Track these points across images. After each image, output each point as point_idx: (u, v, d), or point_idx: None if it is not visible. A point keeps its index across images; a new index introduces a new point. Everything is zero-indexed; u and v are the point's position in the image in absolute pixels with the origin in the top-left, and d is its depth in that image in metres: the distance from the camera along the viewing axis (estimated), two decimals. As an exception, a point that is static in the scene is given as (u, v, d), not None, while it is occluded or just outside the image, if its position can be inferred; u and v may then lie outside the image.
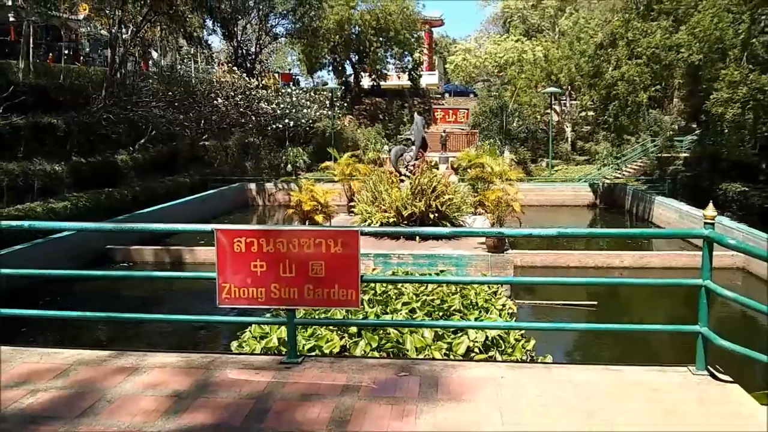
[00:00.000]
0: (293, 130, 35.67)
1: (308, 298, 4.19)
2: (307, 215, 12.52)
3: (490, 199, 12.38)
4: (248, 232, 4.19)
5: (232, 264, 4.23)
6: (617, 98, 21.27)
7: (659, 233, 11.60)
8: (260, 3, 38.06)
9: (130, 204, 22.15)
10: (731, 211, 21.38)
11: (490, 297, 11.10)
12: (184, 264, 16.66)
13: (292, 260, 4.15)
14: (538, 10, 45.61)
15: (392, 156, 15.73)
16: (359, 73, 49.69)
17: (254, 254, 4.17)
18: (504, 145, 35.63)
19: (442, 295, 10.72)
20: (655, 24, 18.90)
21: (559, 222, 26.18)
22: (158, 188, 25.23)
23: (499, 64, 42.10)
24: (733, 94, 16.30)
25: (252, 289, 4.22)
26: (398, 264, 12.68)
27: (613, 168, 32.52)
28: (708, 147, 22.30)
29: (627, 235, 6.47)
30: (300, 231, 4.19)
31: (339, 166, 17.66)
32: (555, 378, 4.05)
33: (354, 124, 44.83)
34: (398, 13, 44.25)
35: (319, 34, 40.86)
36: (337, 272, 4.14)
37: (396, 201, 14.09)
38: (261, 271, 4.18)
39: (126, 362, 4.40)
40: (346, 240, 4.12)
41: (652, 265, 15.55)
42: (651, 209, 23.53)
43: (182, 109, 28.61)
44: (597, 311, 12.18)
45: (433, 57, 59.16)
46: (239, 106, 32.58)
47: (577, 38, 27.02)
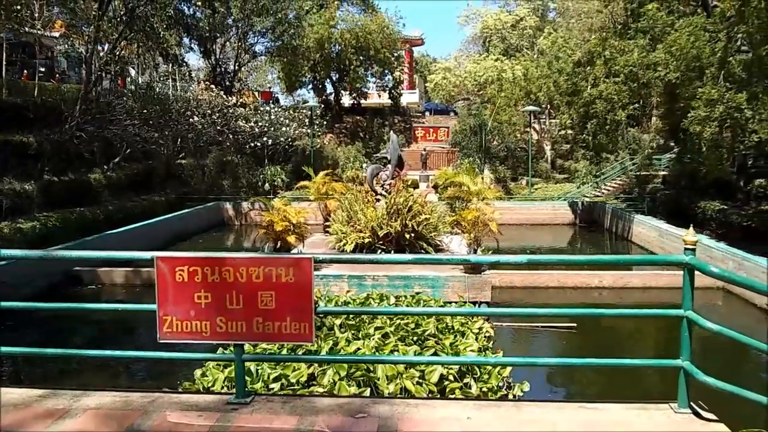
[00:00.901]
0: (272, 148, 35.29)
1: (257, 332, 3.82)
2: (279, 236, 12.13)
3: (467, 219, 12.10)
4: (191, 260, 3.83)
5: (173, 295, 3.86)
6: (596, 116, 21.21)
7: (637, 260, 10.74)
8: (239, 21, 37.77)
9: (102, 224, 21.60)
10: (710, 229, 21.33)
11: (466, 320, 10.79)
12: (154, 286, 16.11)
13: (239, 291, 3.79)
14: (516, 30, 45.95)
15: (368, 175, 15.42)
16: (339, 92, 49.54)
17: (197, 284, 3.81)
18: (483, 164, 35.59)
19: (417, 318, 10.38)
20: (632, 42, 18.90)
21: (538, 241, 26.00)
22: (132, 207, 24.67)
23: (478, 82, 42.20)
24: (710, 112, 16.26)
25: (196, 323, 3.86)
26: (373, 286, 12.31)
27: (593, 186, 32.53)
28: (686, 165, 22.27)
29: (603, 263, 5.96)
30: (247, 259, 3.83)
31: (314, 184, 17.32)
32: (526, 418, 3.71)
33: (334, 143, 44.59)
34: (378, 32, 44.25)
35: (298, 53, 40.65)
36: (289, 304, 3.79)
37: (371, 221, 13.76)
38: (205, 303, 3.82)
39: (58, 404, 3.99)
40: (299, 268, 3.77)
41: (632, 285, 15.33)
42: (630, 228, 23.41)
43: (157, 126, 28.15)
44: (576, 334, 11.88)
45: (413, 76, 59.29)
46: (216, 124, 32.16)
47: (556, 57, 27.08)
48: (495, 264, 3.75)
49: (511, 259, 3.78)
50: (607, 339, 12.58)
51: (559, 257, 5.11)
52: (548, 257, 6.21)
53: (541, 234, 27.16)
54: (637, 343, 12.55)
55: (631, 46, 18.86)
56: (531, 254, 3.74)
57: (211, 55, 39.31)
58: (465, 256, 3.66)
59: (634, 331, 13.26)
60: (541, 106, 38.10)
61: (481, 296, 12.28)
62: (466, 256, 3.24)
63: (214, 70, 40.09)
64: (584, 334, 11.99)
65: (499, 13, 47.12)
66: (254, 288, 3.77)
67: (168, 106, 29.51)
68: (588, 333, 12.22)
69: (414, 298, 11.89)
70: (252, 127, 34.14)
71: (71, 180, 23.69)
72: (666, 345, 12.40)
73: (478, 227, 12.28)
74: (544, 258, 4.39)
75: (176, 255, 3.89)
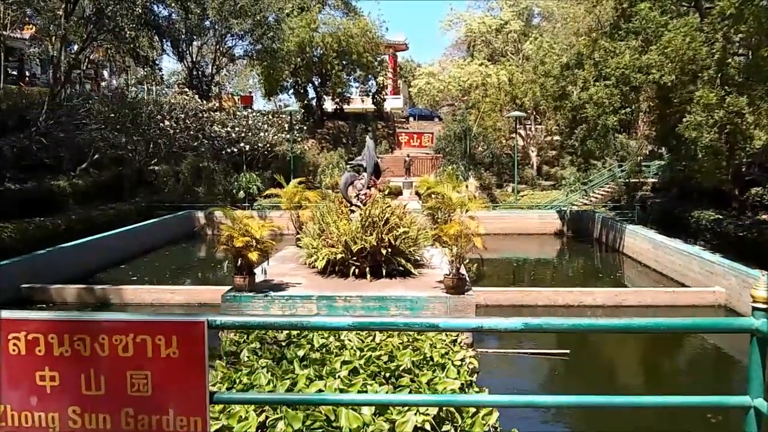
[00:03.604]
0: (251, 154, 33.95)
1: (126, 429, 2.61)
2: (239, 253, 10.89)
3: (449, 234, 10.94)
4: (30, 324, 2.61)
5: (7, 373, 2.64)
6: (585, 121, 20.16)
7: (685, 326, 7.69)
8: (216, 23, 36.43)
9: (63, 234, 20.16)
10: (704, 239, 20.34)
11: (447, 349, 9.60)
12: (110, 305, 14.83)
13: (100, 370, 2.57)
14: (501, 34, 45.00)
15: (342, 183, 14.18)
16: (322, 97, 48.44)
17: (40, 359, 2.58)
18: (468, 170, 34.57)
19: (391, 349, 9.19)
20: (623, 44, 17.88)
21: (525, 252, 24.92)
22: (97, 216, 23.17)
23: (463, 87, 41.16)
24: (707, 117, 15.24)
25: (39, 415, 2.63)
26: (344, 308, 11.12)
27: (581, 194, 31.56)
28: (678, 173, 21.27)
29: (637, 329, 4.16)
30: (112, 322, 2.61)
31: (286, 193, 16.07)
32: None
33: (316, 148, 43.39)
34: (361, 36, 43.26)
35: (278, 56, 39.41)
36: (172, 389, 2.58)
37: (345, 234, 12.54)
38: (52, 387, 2.60)
39: None
40: (186, 336, 2.57)
41: (627, 303, 14.21)
42: (622, 238, 22.35)
43: (127, 131, 26.77)
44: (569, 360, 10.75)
45: (397, 81, 58.37)
46: (190, 129, 30.79)
47: (542, 62, 26.08)
48: (477, 329, 2.52)
49: (500, 325, 2.59)
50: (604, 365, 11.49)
51: (572, 323, 2.79)
52: (551, 323, 3.26)
53: (528, 244, 26.07)
54: (639, 369, 11.46)
55: (623, 47, 17.83)
56: (527, 319, 2.57)
57: (186, 58, 37.91)
58: (434, 321, 2.97)
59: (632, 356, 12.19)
60: (527, 111, 37.22)
61: (464, 319, 11.10)
62: (436, 322, 2.36)
63: (191, 73, 38.70)
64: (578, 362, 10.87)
65: (483, 17, 46.12)
66: (122, 365, 2.56)
67: (139, 110, 28.13)
68: (582, 360, 11.10)
69: (390, 323, 10.71)
70: (228, 132, 32.78)
71: (32, 188, 22.27)
72: (671, 375, 11.34)
73: (461, 242, 11.12)
74: (548, 324, 2.59)
75: (9, 316, 2.66)
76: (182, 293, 14.98)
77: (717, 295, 14.02)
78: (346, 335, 9.82)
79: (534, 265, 22.69)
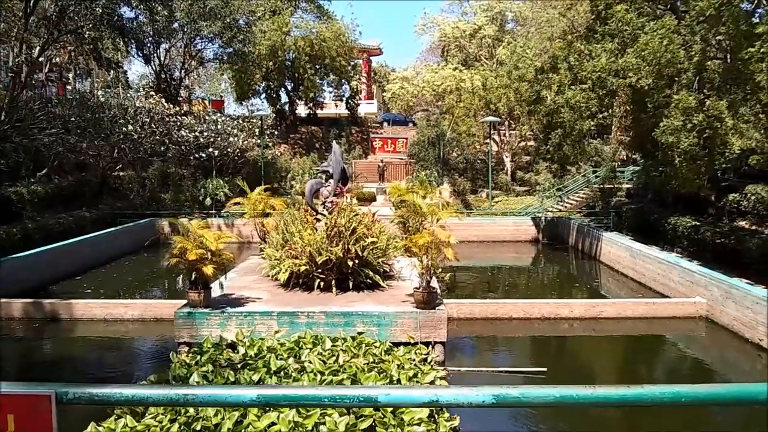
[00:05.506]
0: (220, 159, 32.99)
1: None
2: (193, 266, 10.10)
3: (419, 245, 10.29)
4: None
5: None
6: (561, 126, 19.68)
7: (707, 396, 6.09)
8: (185, 26, 35.40)
9: (18, 244, 19.06)
10: (681, 246, 20.00)
11: (416, 370, 8.92)
12: (59, 320, 13.87)
13: None
14: (475, 39, 44.67)
15: (307, 191, 13.44)
16: (294, 101, 47.55)
17: None
18: (442, 176, 34.06)
19: (354, 371, 8.48)
20: (599, 46, 17.43)
21: (500, 260, 24.39)
22: (55, 225, 22.06)
23: (437, 92, 40.67)
24: (686, 121, 14.82)
25: None
26: (308, 324, 10.38)
27: (555, 200, 31.20)
28: (654, 178, 20.86)
29: (652, 402, 3.29)
30: None
31: (249, 201, 15.29)
32: None
33: (289, 154, 42.55)
34: (334, 40, 42.52)
35: (250, 60, 38.51)
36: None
37: (309, 245, 11.82)
38: None
39: None
40: (31, 416, 1.85)
41: (605, 315, 13.65)
42: (599, 246, 21.87)
43: (88, 136, 25.68)
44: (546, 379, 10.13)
45: (371, 86, 57.76)
46: (156, 134, 29.76)
47: (516, 66, 25.63)
48: (431, 404, 1.93)
49: (462, 398, 1.92)
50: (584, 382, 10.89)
51: (562, 393, 1.95)
52: (531, 394, 2.14)
53: (502, 251, 25.54)
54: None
55: (599, 50, 17.37)
56: (501, 389, 1.86)
57: (153, 61, 36.83)
58: (372, 392, 2.52)
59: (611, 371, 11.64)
60: (501, 116, 36.87)
61: (435, 335, 10.44)
62: (374, 394, 1.85)
63: (159, 77, 37.61)
64: (556, 380, 10.26)
65: (456, 21, 45.74)
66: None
67: (101, 114, 27.07)
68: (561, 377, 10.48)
69: (355, 340, 9.99)
70: (197, 137, 31.80)
71: (-15, 195, 21.17)
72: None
73: (432, 253, 10.47)
74: (527, 396, 1.86)
75: None
76: (137, 308, 14.08)
77: (698, 306, 13.55)
78: (308, 356, 9.09)
79: (509, 274, 22.14)
